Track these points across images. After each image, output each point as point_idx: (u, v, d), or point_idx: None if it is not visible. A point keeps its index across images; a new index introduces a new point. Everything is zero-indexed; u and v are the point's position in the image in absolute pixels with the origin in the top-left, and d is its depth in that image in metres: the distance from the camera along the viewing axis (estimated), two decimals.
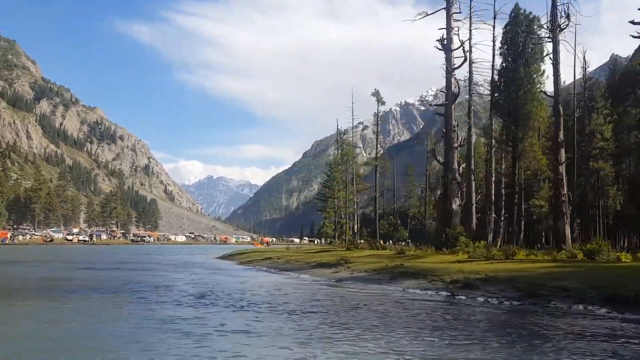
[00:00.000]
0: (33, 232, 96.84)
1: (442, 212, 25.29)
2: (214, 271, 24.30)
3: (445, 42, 25.68)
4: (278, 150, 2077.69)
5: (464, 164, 27.22)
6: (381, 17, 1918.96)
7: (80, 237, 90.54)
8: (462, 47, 25.61)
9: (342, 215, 59.34)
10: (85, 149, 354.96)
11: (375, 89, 49.26)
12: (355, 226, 58.36)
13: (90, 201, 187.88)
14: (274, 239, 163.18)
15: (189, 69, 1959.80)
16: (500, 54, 30.12)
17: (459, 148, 25.92)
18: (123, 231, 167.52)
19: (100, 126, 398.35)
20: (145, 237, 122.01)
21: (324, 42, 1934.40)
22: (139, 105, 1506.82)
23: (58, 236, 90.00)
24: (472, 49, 40.88)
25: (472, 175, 29.74)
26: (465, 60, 26.31)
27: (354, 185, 57.94)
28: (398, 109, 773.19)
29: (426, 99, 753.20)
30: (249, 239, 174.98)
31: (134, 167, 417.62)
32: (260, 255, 30.84)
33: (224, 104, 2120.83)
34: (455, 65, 25.79)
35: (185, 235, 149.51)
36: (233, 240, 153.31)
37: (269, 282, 18.47)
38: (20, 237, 79.97)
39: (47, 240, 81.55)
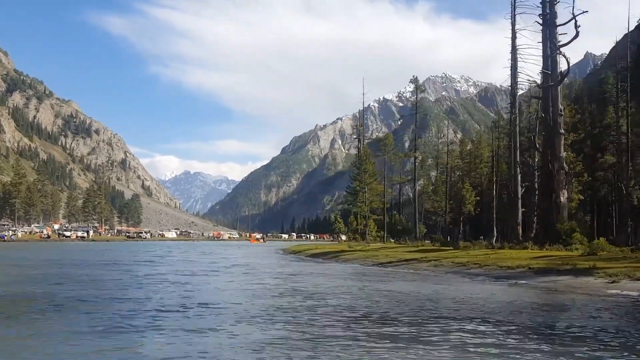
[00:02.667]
0: (21, 229, 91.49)
1: (545, 205, 22.88)
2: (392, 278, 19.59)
3: (548, 17, 23.20)
4: (255, 145, 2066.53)
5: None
6: (357, 13, 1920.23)
7: (79, 234, 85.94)
8: (573, 21, 23.06)
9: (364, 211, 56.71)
10: (59, 143, 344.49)
11: (413, 76, 46.99)
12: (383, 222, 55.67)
13: (72, 196, 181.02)
14: (262, 235, 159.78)
15: (164, 62, 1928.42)
16: None
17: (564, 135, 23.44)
18: (107, 227, 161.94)
19: (75, 119, 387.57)
20: (141, 233, 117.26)
21: (301, 38, 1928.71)
22: (113, 99, 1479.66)
23: (38, 232, 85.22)
24: (517, 34, 38.68)
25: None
26: (576, 36, 23.74)
27: (382, 180, 55.16)
28: (376, 105, 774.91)
29: (404, 95, 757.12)
30: (236, 235, 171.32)
31: (110, 161, 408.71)
32: (353, 254, 25.99)
33: (200, 98, 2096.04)
34: (562, 42, 23.31)
35: (176, 232, 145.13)
36: (226, 236, 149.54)
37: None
38: (20, 234, 74.84)
39: (44, 236, 76.64)
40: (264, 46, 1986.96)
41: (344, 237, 69.27)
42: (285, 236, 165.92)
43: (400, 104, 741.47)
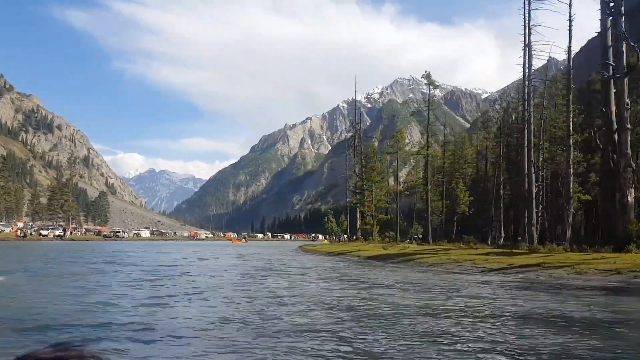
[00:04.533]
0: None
1: (608, 206, 21.43)
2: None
3: (612, 4, 21.76)
4: (223, 144, 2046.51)
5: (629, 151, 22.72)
6: (325, 13, 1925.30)
7: (56, 232, 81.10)
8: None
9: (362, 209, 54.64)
10: (20, 139, 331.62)
11: (426, 71, 45.43)
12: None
13: (35, 193, 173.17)
14: (243, 235, 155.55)
15: (128, 57, 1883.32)
16: None
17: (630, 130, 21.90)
18: (74, 226, 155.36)
19: (36, 115, 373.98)
20: (119, 232, 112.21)
21: (270, 36, 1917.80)
22: (76, 94, 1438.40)
23: (6, 230, 79.98)
24: (532, 30, 37.51)
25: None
26: None
27: (385, 179, 53.20)
28: (345, 105, 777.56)
29: (372, 96, 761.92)
30: (209, 234, 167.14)
31: (72, 158, 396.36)
32: (424, 257, 22.56)
33: (166, 95, 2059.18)
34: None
35: (149, 231, 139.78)
36: (203, 236, 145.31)
37: None
38: None
39: (20, 235, 71.42)
40: (232, 44, 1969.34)
41: (345, 237, 67.20)
42: (260, 236, 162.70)
43: (369, 105, 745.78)
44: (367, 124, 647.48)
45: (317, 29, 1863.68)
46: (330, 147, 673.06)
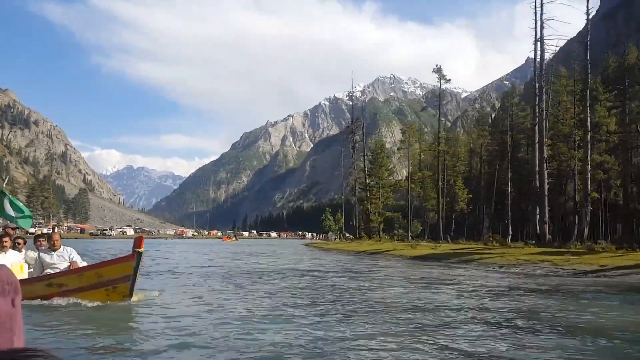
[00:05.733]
0: None
1: None
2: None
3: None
4: (202, 141, 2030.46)
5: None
6: (306, 10, 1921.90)
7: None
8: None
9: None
10: None
11: (437, 65, 45.01)
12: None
13: (13, 190, 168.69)
14: (233, 233, 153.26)
15: (106, 52, 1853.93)
16: None
17: None
18: (54, 223, 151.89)
19: (12, 110, 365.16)
20: (106, 230, 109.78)
21: (251, 34, 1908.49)
22: (53, 89, 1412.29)
23: None
24: (544, 24, 37.24)
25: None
26: None
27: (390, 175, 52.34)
28: (327, 103, 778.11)
29: (354, 94, 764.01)
30: (195, 232, 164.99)
31: (50, 154, 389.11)
32: (484, 256, 20.80)
33: (145, 91, 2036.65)
34: None
35: (132, 229, 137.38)
36: (190, 234, 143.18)
37: None
38: None
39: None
40: (213, 40, 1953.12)
41: (350, 236, 66.47)
42: (246, 234, 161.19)
43: (351, 103, 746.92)
44: (349, 121, 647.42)
45: (299, 27, 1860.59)
46: (312, 145, 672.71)
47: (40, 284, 8.43)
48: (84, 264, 9.19)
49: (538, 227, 35.04)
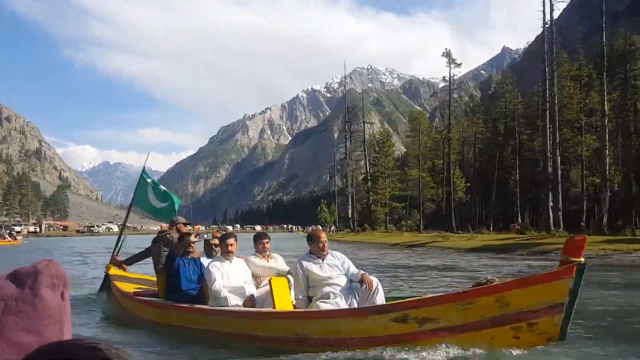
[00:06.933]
0: None
1: None
2: None
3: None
4: (179, 135, 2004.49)
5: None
6: (281, 2, 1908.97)
7: (30, 229, 76.49)
8: None
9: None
10: None
11: (446, 49, 44.51)
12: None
13: None
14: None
15: (78, 45, 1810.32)
16: None
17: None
18: (34, 221, 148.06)
19: None
20: (93, 227, 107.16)
21: (227, 27, 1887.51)
22: (24, 84, 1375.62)
23: None
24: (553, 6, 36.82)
25: None
26: None
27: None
28: (305, 95, 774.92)
29: (332, 85, 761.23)
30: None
31: (23, 151, 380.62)
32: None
33: (119, 85, 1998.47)
34: None
35: (116, 225, 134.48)
36: None
37: None
38: None
39: None
40: (189, 33, 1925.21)
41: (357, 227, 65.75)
42: (230, 228, 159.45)
43: (329, 95, 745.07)
44: (327, 113, 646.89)
45: (275, 19, 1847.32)
46: (290, 138, 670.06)
47: (380, 317, 4.89)
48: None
49: (551, 213, 34.76)
